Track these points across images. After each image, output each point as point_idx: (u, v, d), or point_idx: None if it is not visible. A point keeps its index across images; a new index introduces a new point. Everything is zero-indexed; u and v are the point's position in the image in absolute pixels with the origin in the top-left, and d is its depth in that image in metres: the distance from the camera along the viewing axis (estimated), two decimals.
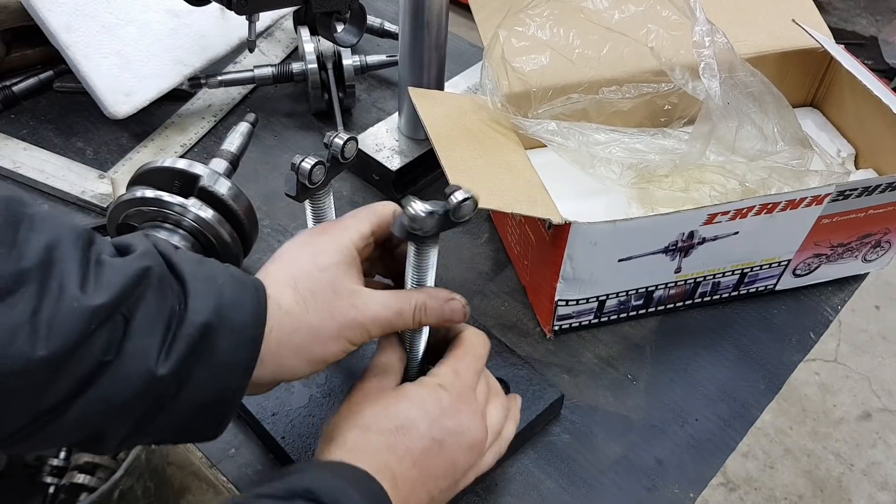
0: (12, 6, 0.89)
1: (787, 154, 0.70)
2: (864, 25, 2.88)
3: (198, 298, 0.42)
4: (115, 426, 0.41)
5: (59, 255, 0.39)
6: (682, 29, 0.74)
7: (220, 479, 0.62)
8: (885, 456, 1.75)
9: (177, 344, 0.41)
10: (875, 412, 1.83)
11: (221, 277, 0.45)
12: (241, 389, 0.44)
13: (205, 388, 0.43)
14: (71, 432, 0.40)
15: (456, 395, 0.51)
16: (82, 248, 0.40)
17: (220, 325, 0.42)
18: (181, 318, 0.42)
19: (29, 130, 0.93)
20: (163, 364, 0.40)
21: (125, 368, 0.40)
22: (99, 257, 0.41)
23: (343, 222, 0.52)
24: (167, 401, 0.42)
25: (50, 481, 0.63)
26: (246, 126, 0.79)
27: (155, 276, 0.42)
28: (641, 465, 0.64)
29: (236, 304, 0.44)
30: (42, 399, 0.38)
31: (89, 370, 0.39)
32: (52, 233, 0.39)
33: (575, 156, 0.70)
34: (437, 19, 0.77)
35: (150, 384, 0.40)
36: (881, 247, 0.76)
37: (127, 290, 0.40)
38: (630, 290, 0.70)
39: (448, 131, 0.68)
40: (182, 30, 0.92)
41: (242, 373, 0.44)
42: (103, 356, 0.39)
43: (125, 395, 0.40)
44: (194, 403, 0.43)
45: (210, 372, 0.42)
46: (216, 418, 0.45)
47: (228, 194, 0.68)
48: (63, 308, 0.37)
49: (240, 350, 0.43)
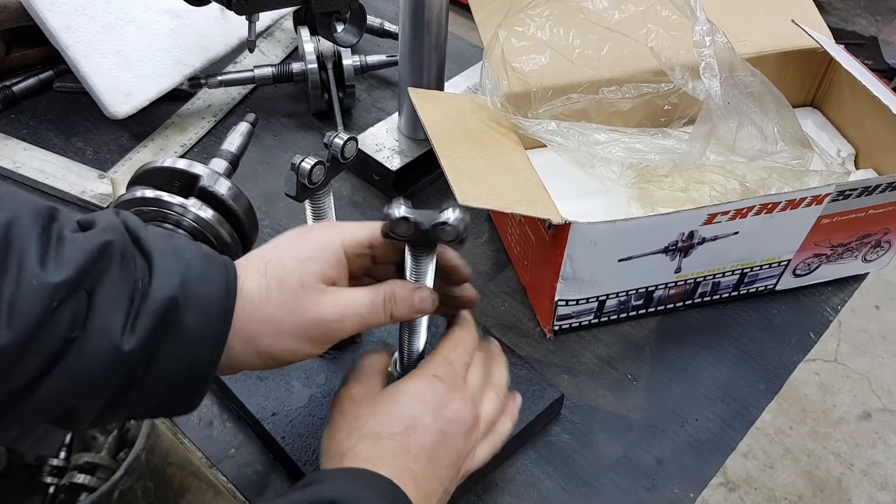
0: (12, 6, 0.89)
1: (787, 154, 0.70)
2: (864, 25, 2.88)
3: (163, 273, 0.42)
4: (87, 403, 0.41)
5: (17, 232, 0.38)
6: (682, 29, 0.74)
7: (220, 479, 0.62)
8: (885, 456, 1.75)
9: (141, 318, 0.40)
10: (875, 412, 1.83)
11: (189, 252, 0.44)
12: (212, 364, 0.44)
13: (174, 364, 0.42)
14: (42, 411, 0.40)
15: (449, 382, 0.50)
16: (42, 225, 0.39)
17: (186, 300, 0.42)
18: (145, 293, 0.41)
19: (29, 130, 0.93)
20: (128, 339, 0.40)
21: (91, 345, 0.39)
22: (60, 233, 0.40)
23: (342, 223, 0.51)
24: (137, 376, 0.41)
25: (50, 481, 0.63)
26: (246, 126, 0.79)
27: (117, 250, 0.41)
28: (641, 465, 0.64)
29: (203, 279, 0.43)
30: (10, 379, 0.37)
31: (55, 348, 0.38)
32: (10, 211, 0.39)
33: (575, 156, 0.70)
34: (437, 19, 0.77)
35: (116, 360, 0.40)
36: (881, 247, 0.76)
37: (88, 264, 0.39)
38: (630, 290, 0.70)
39: (448, 131, 0.68)
40: (182, 30, 0.92)
41: (212, 347, 0.43)
42: (69, 333, 0.38)
43: (93, 371, 0.39)
44: (165, 379, 0.42)
45: (178, 347, 0.42)
46: (190, 392, 0.44)
47: (228, 194, 0.68)
48: (23, 286, 0.37)
49: (209, 325, 0.43)
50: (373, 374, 0.53)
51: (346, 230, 0.49)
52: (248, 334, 0.45)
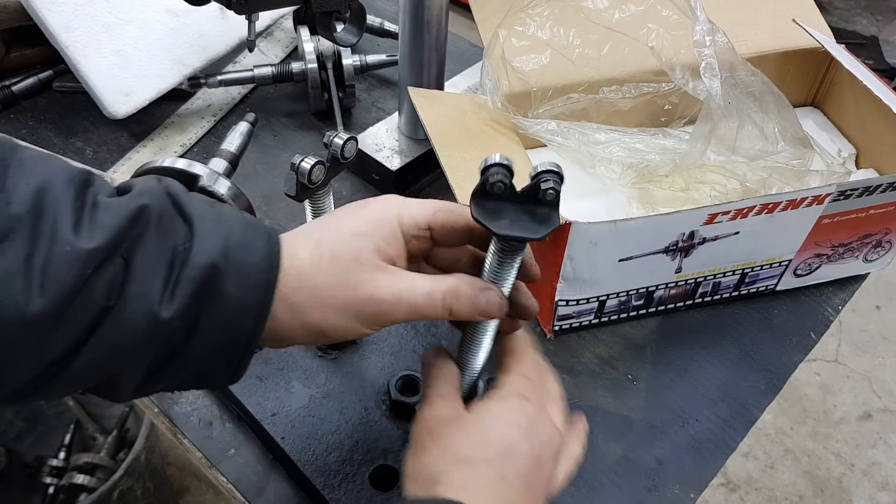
0: (12, 6, 0.89)
1: (788, 154, 0.70)
2: (865, 25, 2.88)
3: (204, 239, 0.40)
4: (127, 372, 0.40)
5: (50, 198, 0.37)
6: (682, 28, 0.74)
7: (220, 479, 0.62)
8: (886, 456, 1.74)
9: (181, 286, 0.39)
10: (875, 412, 1.83)
11: (231, 219, 0.42)
12: (255, 334, 0.42)
13: (215, 333, 0.41)
14: (82, 380, 0.39)
15: (538, 402, 0.47)
16: (76, 190, 0.38)
17: (227, 267, 0.40)
18: (185, 259, 0.40)
19: (28, 130, 0.92)
20: (167, 306, 0.39)
21: (129, 312, 0.38)
22: (95, 199, 0.39)
23: (403, 199, 0.47)
24: (178, 346, 0.40)
25: (49, 482, 0.63)
26: (245, 126, 0.79)
27: (154, 215, 0.40)
28: (642, 465, 0.64)
29: (245, 247, 0.41)
30: (47, 349, 0.37)
31: (92, 316, 0.37)
32: (43, 176, 0.38)
33: (575, 155, 0.70)
34: (437, 19, 0.77)
35: (155, 328, 0.39)
36: (882, 247, 0.76)
37: (123, 230, 0.38)
38: (630, 290, 0.70)
39: (448, 131, 0.68)
40: (182, 29, 0.92)
41: (255, 317, 0.41)
42: (105, 301, 0.37)
43: (132, 340, 0.38)
44: (206, 348, 0.41)
45: (219, 316, 0.40)
46: (232, 363, 0.43)
47: (228, 194, 0.68)
48: (56, 253, 0.36)
49: (250, 294, 0.41)
50: (452, 391, 0.48)
51: (405, 207, 0.46)
52: (296, 305, 0.43)
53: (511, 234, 0.41)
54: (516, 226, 0.41)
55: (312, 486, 0.58)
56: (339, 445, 0.60)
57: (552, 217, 0.42)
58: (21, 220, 0.36)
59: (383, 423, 0.61)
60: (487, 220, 0.41)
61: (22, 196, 0.36)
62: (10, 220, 0.36)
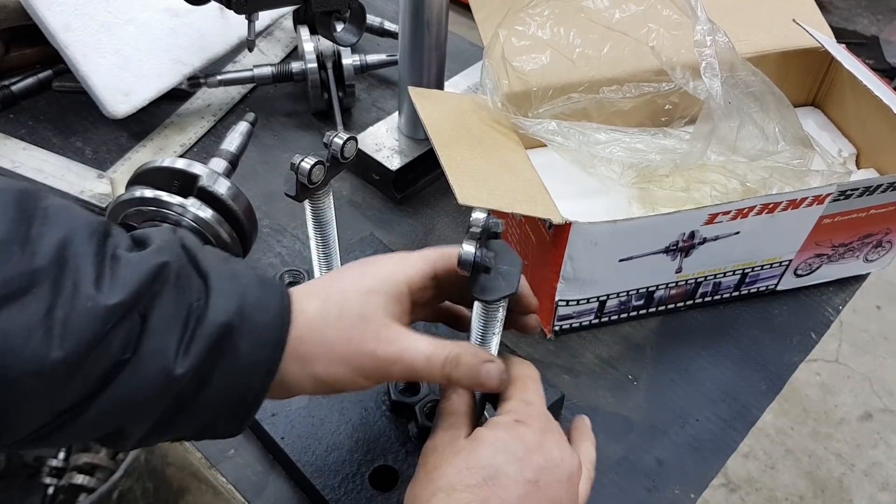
0: (11, 5, 0.89)
1: (789, 154, 0.70)
2: (866, 25, 2.88)
3: (220, 297, 0.41)
4: (135, 425, 0.41)
5: (72, 251, 0.37)
6: (682, 28, 0.73)
7: (220, 479, 0.62)
8: (887, 456, 1.74)
9: (195, 343, 0.40)
10: (876, 412, 1.82)
11: (245, 277, 0.43)
12: (262, 391, 0.43)
13: (225, 389, 0.41)
14: (90, 431, 0.40)
15: (537, 426, 0.46)
16: (97, 242, 0.39)
17: (241, 326, 0.41)
18: (201, 316, 0.40)
19: (28, 130, 0.92)
20: (181, 363, 0.39)
21: (143, 367, 0.38)
22: (115, 252, 0.39)
23: (407, 257, 0.48)
24: (187, 400, 0.41)
25: (49, 482, 0.62)
26: (245, 125, 0.79)
27: (173, 272, 0.40)
28: (642, 465, 0.64)
29: (259, 306, 0.42)
30: (60, 399, 0.37)
31: (107, 369, 0.38)
32: (66, 228, 0.38)
33: (575, 155, 0.70)
34: (437, 18, 0.77)
35: (168, 383, 0.39)
36: (882, 247, 0.76)
37: (143, 286, 0.39)
38: (631, 290, 0.70)
39: (448, 131, 0.68)
40: (181, 29, 0.92)
41: (264, 375, 0.43)
42: (121, 355, 0.38)
43: (144, 394, 0.39)
44: (214, 403, 0.42)
45: (230, 372, 0.41)
46: (237, 418, 0.44)
47: (227, 194, 0.68)
48: (78, 307, 0.36)
49: (261, 351, 0.42)
50: (457, 421, 0.48)
51: (409, 264, 0.48)
52: (304, 357, 0.44)
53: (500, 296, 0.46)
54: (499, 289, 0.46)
55: (312, 486, 0.58)
56: (338, 446, 0.60)
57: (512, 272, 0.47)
58: (45, 273, 0.36)
59: (383, 424, 0.61)
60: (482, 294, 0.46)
61: (46, 249, 0.37)
62: (34, 274, 0.36)
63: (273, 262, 0.79)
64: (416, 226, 0.84)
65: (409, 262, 0.48)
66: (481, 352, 0.47)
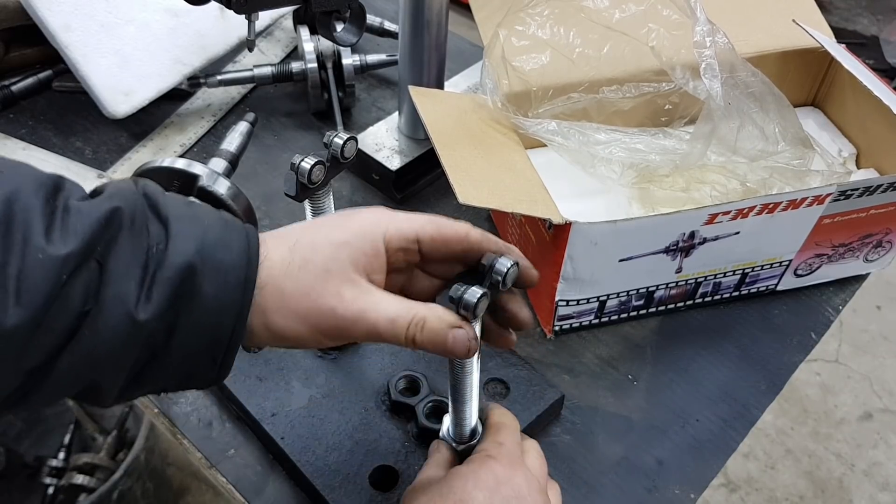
0: (11, 5, 0.89)
1: (789, 154, 0.70)
2: (866, 25, 2.87)
3: (179, 240, 0.40)
4: (109, 377, 0.40)
5: (19, 206, 0.37)
6: (682, 28, 0.73)
7: (220, 479, 0.62)
8: (887, 456, 1.74)
9: (157, 287, 0.39)
10: (876, 412, 1.83)
11: (208, 219, 0.42)
12: (236, 333, 0.42)
13: (195, 334, 0.40)
14: (64, 387, 0.39)
15: (507, 462, 0.49)
16: (45, 196, 0.38)
17: (203, 267, 0.40)
18: (161, 260, 0.39)
19: (28, 130, 0.92)
20: (144, 308, 0.38)
21: (105, 316, 0.38)
22: (66, 203, 0.39)
23: (391, 212, 0.46)
24: (158, 348, 0.40)
25: (49, 482, 0.62)
26: (245, 125, 0.79)
27: (126, 217, 0.39)
28: (642, 465, 0.64)
29: (222, 245, 0.41)
30: (27, 357, 0.37)
31: (69, 322, 0.37)
32: (11, 185, 0.37)
33: (575, 155, 0.70)
34: (437, 18, 0.77)
35: (134, 331, 0.38)
36: (882, 247, 0.76)
37: (96, 234, 0.38)
38: (631, 290, 0.70)
39: (448, 130, 0.68)
40: (181, 29, 0.92)
41: (234, 317, 0.41)
42: (82, 306, 0.37)
43: (110, 344, 0.38)
44: (187, 350, 0.41)
45: (198, 316, 0.40)
46: (215, 361, 0.42)
47: (227, 194, 0.68)
48: (30, 261, 0.36)
49: (228, 292, 0.41)
50: (436, 467, 0.51)
51: (392, 220, 0.45)
52: (260, 306, 0.42)
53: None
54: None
55: (312, 486, 0.58)
56: (338, 446, 0.60)
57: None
58: None
59: (383, 424, 0.61)
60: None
61: None
62: None
63: None
64: None
65: (393, 217, 0.45)
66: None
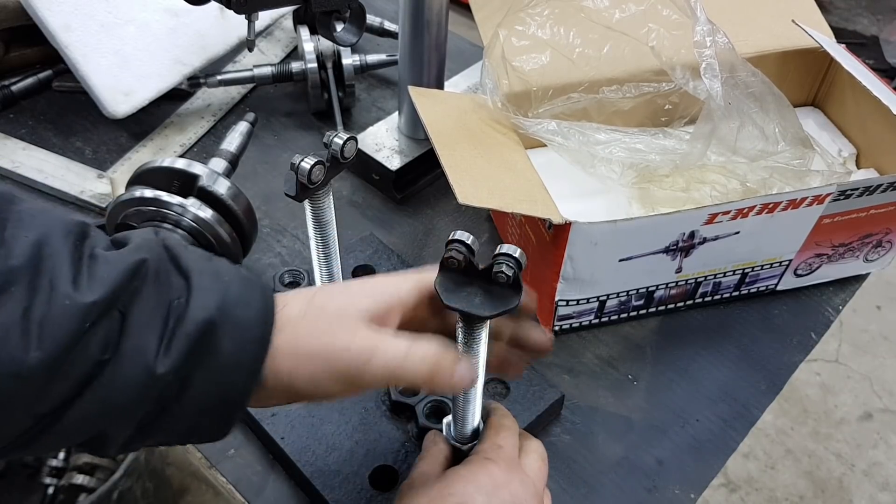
0: (11, 5, 0.89)
1: (789, 154, 0.70)
2: (866, 25, 2.87)
3: (201, 294, 0.40)
4: (117, 428, 0.40)
5: (48, 251, 0.37)
6: (682, 28, 0.73)
7: (220, 479, 0.62)
8: (887, 456, 1.74)
9: (177, 340, 0.39)
10: (876, 412, 1.82)
11: (228, 274, 0.42)
12: (247, 391, 0.42)
13: (208, 389, 0.40)
14: (72, 435, 0.39)
15: (505, 465, 0.49)
16: (74, 242, 0.38)
17: (223, 323, 0.40)
18: (182, 314, 0.39)
19: (28, 130, 0.92)
20: (162, 361, 0.38)
21: (123, 367, 0.38)
22: (92, 251, 0.39)
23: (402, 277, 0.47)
24: (169, 402, 0.40)
25: (49, 482, 0.62)
26: (245, 125, 0.79)
27: (151, 269, 0.40)
28: (642, 465, 0.64)
29: (242, 302, 0.41)
30: (40, 402, 0.36)
31: (87, 370, 0.37)
32: (42, 229, 0.38)
33: (575, 155, 0.70)
34: (437, 18, 0.77)
35: (149, 383, 0.38)
36: (882, 247, 0.76)
37: (122, 284, 0.38)
38: (631, 290, 0.70)
39: (448, 131, 0.68)
40: (181, 29, 0.92)
41: (248, 374, 0.41)
42: (101, 355, 0.37)
43: (125, 395, 0.38)
44: (198, 405, 0.41)
45: (213, 372, 0.40)
46: (222, 419, 0.43)
47: (227, 194, 0.68)
48: (55, 306, 0.36)
49: (244, 350, 0.41)
50: (433, 464, 0.51)
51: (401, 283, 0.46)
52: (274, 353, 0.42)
53: (459, 307, 0.42)
54: (470, 301, 0.42)
55: (312, 486, 0.58)
56: (338, 446, 0.60)
57: (510, 298, 0.43)
58: (20, 272, 0.36)
59: (383, 424, 0.61)
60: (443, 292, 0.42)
61: (21, 249, 0.36)
62: (9, 274, 0.35)
63: (273, 262, 0.79)
64: (416, 226, 0.84)
65: (403, 281, 0.46)
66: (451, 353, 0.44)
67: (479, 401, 0.52)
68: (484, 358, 0.47)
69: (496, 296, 0.43)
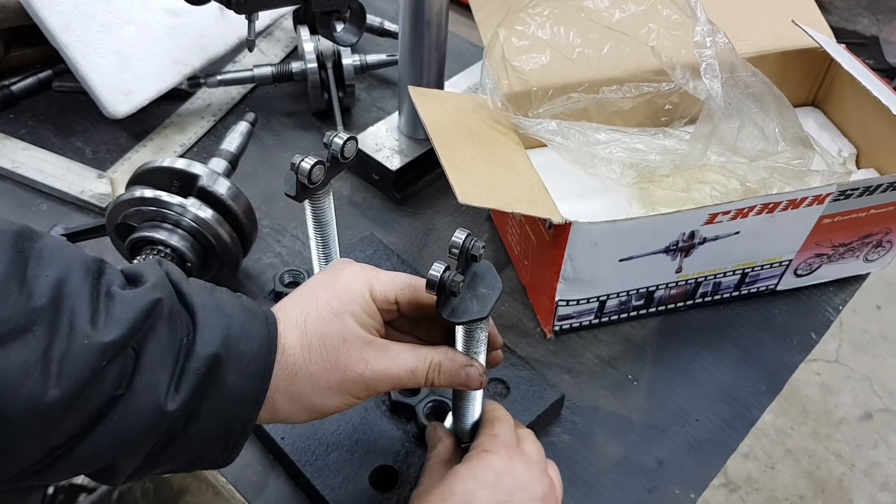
0: (11, 5, 0.89)
1: (789, 154, 0.70)
2: (866, 25, 2.87)
3: (206, 329, 0.42)
4: (126, 459, 0.41)
5: (68, 290, 0.38)
6: (683, 28, 0.73)
7: (220, 479, 0.62)
8: (887, 456, 1.74)
9: (185, 377, 0.40)
10: (876, 412, 1.82)
11: (231, 307, 0.44)
12: (250, 421, 0.44)
13: (213, 421, 0.42)
14: (82, 466, 0.40)
15: (504, 452, 0.50)
16: (92, 281, 0.40)
17: (227, 357, 0.42)
18: (189, 351, 0.41)
19: (28, 130, 0.92)
20: (172, 398, 0.40)
21: (135, 403, 0.39)
22: (109, 289, 0.40)
23: (374, 273, 0.50)
24: (177, 434, 0.41)
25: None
26: (245, 125, 0.79)
27: (165, 308, 0.41)
28: (642, 465, 0.64)
29: (245, 335, 0.43)
30: (54, 436, 0.37)
31: (100, 406, 0.38)
32: (61, 267, 0.39)
33: (575, 155, 0.70)
34: (437, 18, 0.77)
35: (159, 418, 0.40)
36: (882, 247, 0.76)
37: (138, 323, 0.39)
38: (631, 290, 0.70)
39: (448, 130, 0.68)
40: (181, 29, 0.92)
41: (252, 405, 0.43)
42: (114, 391, 0.39)
43: (135, 429, 0.39)
44: (203, 435, 0.42)
45: (218, 404, 0.42)
46: (226, 448, 0.44)
47: (227, 194, 0.68)
48: (74, 345, 0.37)
49: (248, 382, 0.43)
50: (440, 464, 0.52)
51: (375, 279, 0.49)
52: (295, 393, 0.45)
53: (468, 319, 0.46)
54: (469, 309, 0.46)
55: (312, 486, 0.58)
56: (338, 446, 0.60)
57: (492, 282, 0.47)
58: (42, 312, 0.37)
59: (383, 424, 0.61)
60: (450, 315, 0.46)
61: (42, 289, 0.37)
62: (33, 313, 0.37)
63: (273, 262, 0.79)
64: (416, 226, 0.84)
65: (375, 277, 0.49)
66: (459, 356, 0.49)
67: (480, 397, 0.53)
68: (485, 354, 0.50)
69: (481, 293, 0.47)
